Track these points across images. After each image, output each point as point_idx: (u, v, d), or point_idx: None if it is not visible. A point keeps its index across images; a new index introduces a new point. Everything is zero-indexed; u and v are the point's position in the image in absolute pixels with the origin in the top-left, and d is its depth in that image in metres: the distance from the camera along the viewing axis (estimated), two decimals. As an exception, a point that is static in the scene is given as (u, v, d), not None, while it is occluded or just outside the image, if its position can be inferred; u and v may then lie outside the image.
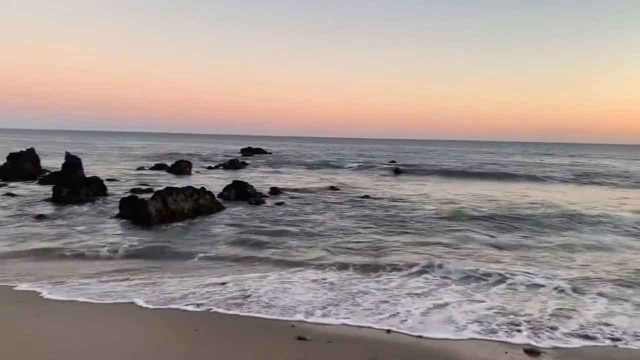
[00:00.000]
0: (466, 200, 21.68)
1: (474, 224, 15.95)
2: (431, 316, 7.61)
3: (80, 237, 13.08)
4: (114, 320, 7.09)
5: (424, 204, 20.30)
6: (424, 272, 10.18)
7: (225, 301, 8.06)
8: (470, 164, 51.08)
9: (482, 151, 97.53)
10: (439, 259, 11.19)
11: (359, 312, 7.75)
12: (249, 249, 12.26)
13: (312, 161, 51.06)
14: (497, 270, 10.25)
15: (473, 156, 71.56)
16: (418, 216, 17.32)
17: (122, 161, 43.79)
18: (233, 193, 21.06)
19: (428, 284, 9.44)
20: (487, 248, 12.70)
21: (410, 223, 15.98)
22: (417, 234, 14.31)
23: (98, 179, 21.52)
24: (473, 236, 14.11)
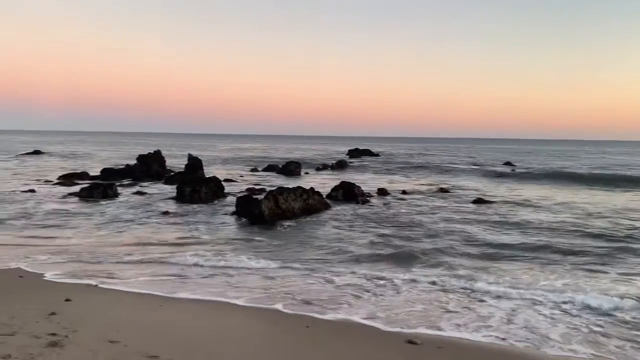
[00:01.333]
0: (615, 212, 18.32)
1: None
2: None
3: (200, 232, 13.98)
4: (225, 313, 7.46)
5: (558, 212, 18.63)
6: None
7: (334, 300, 8.17)
8: (591, 165, 46.93)
9: (591, 150, 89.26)
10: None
11: (471, 321, 7.45)
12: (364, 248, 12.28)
13: (421, 162, 50.13)
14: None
15: (589, 156, 65.79)
16: (553, 225, 15.67)
17: (238, 162, 46.18)
18: (340, 193, 21.29)
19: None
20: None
21: (541, 231, 14.87)
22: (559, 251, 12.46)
23: (217, 179, 22.85)
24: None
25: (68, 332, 5.85)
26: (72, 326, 6.07)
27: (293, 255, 11.55)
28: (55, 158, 48.79)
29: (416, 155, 65.66)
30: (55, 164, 39.77)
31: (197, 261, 10.74)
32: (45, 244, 12.14)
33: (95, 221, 15.37)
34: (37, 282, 8.65)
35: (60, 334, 5.74)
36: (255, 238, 13.41)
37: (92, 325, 6.26)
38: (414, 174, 37.05)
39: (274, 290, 8.69)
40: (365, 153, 60.63)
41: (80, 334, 5.83)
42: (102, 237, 13.15)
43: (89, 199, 19.91)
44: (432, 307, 7.98)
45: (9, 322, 6.04)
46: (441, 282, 9.37)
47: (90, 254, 11.21)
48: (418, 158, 57.86)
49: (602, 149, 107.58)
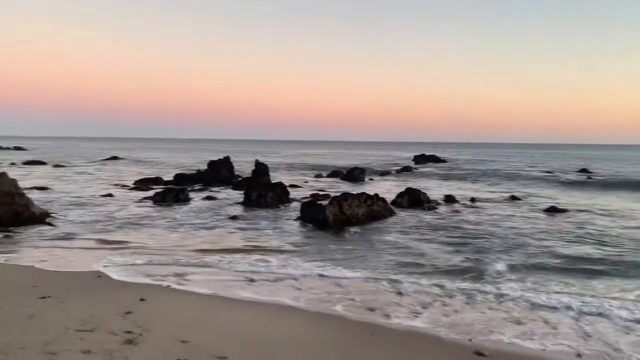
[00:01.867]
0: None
1: None
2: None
3: (266, 237, 14.23)
4: (290, 316, 7.53)
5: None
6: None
7: (399, 308, 8.05)
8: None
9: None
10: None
11: (540, 334, 7.10)
12: (431, 256, 12.05)
13: (488, 168, 48.58)
14: None
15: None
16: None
17: (302, 168, 46.73)
18: (406, 200, 21.01)
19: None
20: None
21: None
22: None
23: (282, 185, 23.21)
24: None
25: (142, 330, 6.12)
26: (146, 325, 6.34)
27: (358, 261, 11.49)
28: (132, 164, 51.42)
29: (483, 161, 63.73)
30: (131, 170, 41.90)
31: (263, 265, 10.94)
32: (121, 246, 12.78)
33: (168, 225, 16.01)
34: (114, 283, 9.12)
35: (135, 332, 6.02)
36: (319, 244, 13.48)
37: (164, 324, 6.51)
38: (483, 180, 35.97)
39: (338, 296, 8.69)
40: (432, 159, 59.57)
41: (153, 333, 6.08)
42: (174, 240, 13.67)
43: (162, 203, 20.81)
44: (500, 319, 7.69)
45: (89, 320, 6.40)
46: (511, 293, 9.02)
47: (163, 256, 11.70)
48: (485, 164, 56.09)
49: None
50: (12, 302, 7.05)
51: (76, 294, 7.83)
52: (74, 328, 6.00)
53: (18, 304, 7.01)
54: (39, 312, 6.66)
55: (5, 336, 5.52)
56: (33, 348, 5.25)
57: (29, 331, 5.81)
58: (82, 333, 5.86)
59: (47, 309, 6.84)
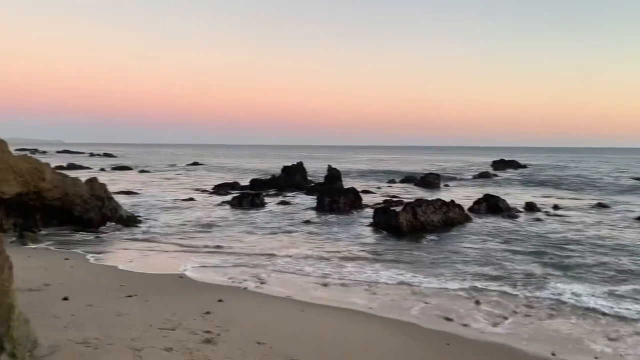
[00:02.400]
0: None
1: None
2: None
3: (339, 243, 14.24)
4: (363, 322, 7.46)
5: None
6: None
7: (476, 318, 7.78)
8: None
9: None
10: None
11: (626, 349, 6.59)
12: (509, 265, 11.57)
13: (572, 174, 45.98)
14: None
15: None
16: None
17: (374, 174, 46.43)
18: (484, 207, 20.32)
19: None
20: None
21: None
22: None
23: (354, 190, 23.20)
24: None
25: (220, 330, 6.31)
26: (224, 325, 6.53)
27: (434, 268, 11.24)
28: (211, 169, 53.45)
29: (566, 167, 60.42)
30: (211, 175, 43.55)
31: (337, 270, 10.96)
32: (201, 249, 13.28)
33: (245, 228, 16.46)
34: (194, 284, 9.49)
35: (214, 332, 6.21)
36: (393, 250, 13.31)
37: (241, 325, 6.67)
38: (566, 187, 34.09)
39: (414, 303, 8.54)
40: (511, 165, 57.13)
41: (231, 333, 6.25)
42: (251, 244, 14.01)
43: (239, 208, 21.45)
44: (583, 331, 7.23)
45: (170, 319, 6.69)
46: (594, 306, 8.47)
47: (240, 259, 12.03)
48: (567, 170, 53.16)
49: None
50: (101, 300, 7.51)
51: (159, 294, 8.22)
52: (157, 326, 6.29)
53: (107, 301, 7.45)
54: (126, 310, 7.05)
55: (95, 331, 5.87)
56: (120, 343, 5.55)
57: (116, 327, 6.15)
58: (164, 331, 6.13)
59: (133, 307, 7.22)
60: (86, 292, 8.01)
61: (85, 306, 7.04)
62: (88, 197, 15.76)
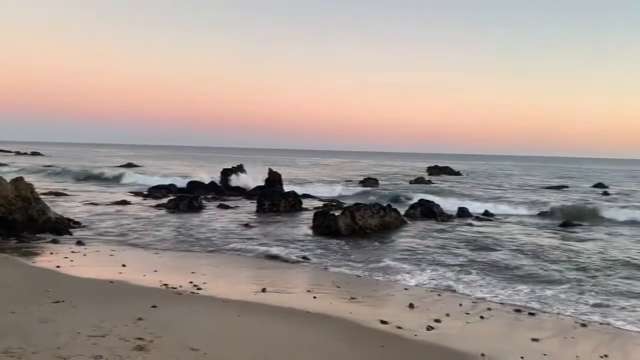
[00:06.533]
0: None
1: None
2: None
3: (279, 244, 14.22)
4: (302, 323, 7.50)
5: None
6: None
7: (411, 320, 7.99)
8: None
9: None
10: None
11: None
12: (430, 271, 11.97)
13: (504, 181, 48.21)
14: None
15: None
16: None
17: (316, 177, 46.67)
18: (418, 211, 20.94)
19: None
20: None
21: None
22: None
23: (295, 194, 23.27)
24: None
25: (153, 337, 6.13)
26: (157, 331, 6.35)
27: (372, 271, 11.47)
28: (147, 171, 51.79)
29: (497, 174, 63.25)
30: (146, 177, 42.15)
31: (275, 272, 10.94)
32: (134, 253, 12.87)
33: (181, 232, 16.09)
34: (126, 289, 9.15)
35: (146, 339, 6.02)
36: (332, 252, 13.46)
37: (175, 331, 6.51)
38: (498, 193, 35.67)
39: (352, 306, 8.64)
40: (446, 171, 59.21)
41: (164, 340, 6.09)
42: (187, 248, 13.73)
43: (176, 211, 20.93)
44: (509, 331, 7.62)
45: (100, 325, 6.43)
46: (522, 306, 8.95)
47: (176, 263, 11.75)
48: (500, 178, 55.68)
49: None
50: (25, 307, 7.11)
51: (88, 300, 7.88)
52: (86, 333, 6.03)
53: (31, 308, 7.06)
54: (52, 316, 6.71)
55: (18, 340, 5.56)
56: (45, 352, 5.28)
57: (41, 335, 5.85)
58: (93, 338, 5.88)
59: (60, 314, 6.89)
60: (8, 298, 7.56)
61: (8, 313, 6.65)
62: (13, 197, 14.89)
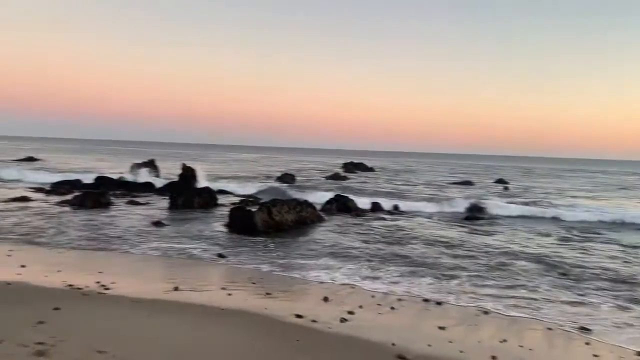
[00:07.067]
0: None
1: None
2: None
3: (192, 242, 13.89)
4: (216, 321, 7.39)
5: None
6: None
7: (326, 313, 8.13)
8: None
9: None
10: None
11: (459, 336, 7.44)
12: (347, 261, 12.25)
13: (414, 177, 50.26)
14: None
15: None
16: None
17: (231, 173, 46.06)
18: (334, 207, 21.31)
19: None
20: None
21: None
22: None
23: (210, 190, 22.82)
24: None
25: (55, 341, 5.78)
26: (60, 335, 5.99)
27: (288, 265, 11.52)
28: (49, 165, 48.50)
29: (409, 170, 65.85)
30: (49, 172, 39.46)
31: (189, 270, 10.68)
32: (35, 252, 12.04)
33: (87, 230, 15.25)
34: (26, 291, 8.54)
35: (48, 343, 5.67)
36: (248, 248, 13.38)
37: (80, 334, 6.18)
38: (408, 188, 37.12)
39: (266, 302, 8.63)
40: (360, 167, 60.71)
41: (68, 343, 5.76)
42: (93, 246, 13.05)
43: (81, 208, 19.78)
44: (418, 321, 7.98)
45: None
46: (430, 297, 9.40)
47: (81, 262, 11.13)
48: (411, 173, 58.00)
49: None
50: None
51: (-19, 304, 7.27)
52: (-22, 340, 5.57)
53: None
54: (-62, 324, 6.12)
55: None
56: None
57: None
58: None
59: (-53, 321, 6.31)
60: None
61: None
62: None
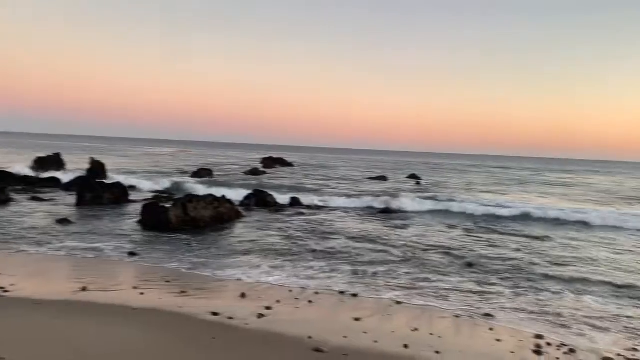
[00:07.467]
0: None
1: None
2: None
3: (102, 240, 13.22)
4: (128, 322, 7.11)
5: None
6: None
7: (243, 310, 8.06)
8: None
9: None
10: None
11: (378, 327, 7.66)
12: (268, 258, 12.22)
13: (332, 172, 51.01)
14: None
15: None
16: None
17: (145, 167, 44.32)
18: (253, 202, 21.17)
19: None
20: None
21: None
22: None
23: (121, 185, 21.82)
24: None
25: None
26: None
27: (204, 263, 11.28)
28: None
29: (327, 166, 66.75)
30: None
31: (98, 269, 10.16)
32: None
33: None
34: None
35: None
36: (162, 245, 12.96)
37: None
38: (327, 183, 37.61)
39: (181, 300, 8.41)
40: (279, 162, 60.66)
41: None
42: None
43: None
44: (334, 314, 8.13)
45: None
46: (344, 290, 9.60)
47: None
48: (329, 169, 58.83)
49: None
50: None
51: None
52: None
53: None
54: None
55: None
56: None
57: None
58: None
59: None
60: None
61: None
62: None
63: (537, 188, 41.12)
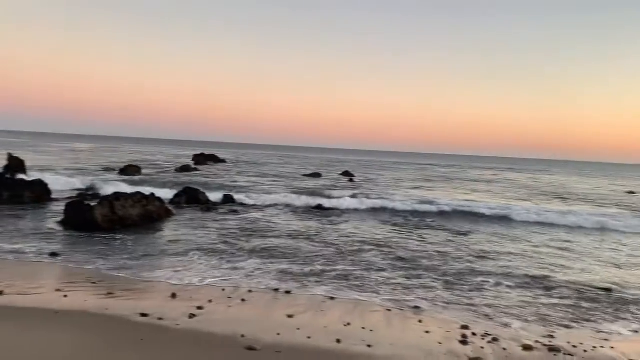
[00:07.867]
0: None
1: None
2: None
3: (22, 241, 12.47)
4: (50, 327, 6.77)
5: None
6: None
7: (174, 310, 7.88)
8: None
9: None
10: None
11: (309, 323, 7.73)
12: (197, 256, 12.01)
13: (264, 169, 50.79)
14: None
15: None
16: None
17: (70, 163, 42.14)
18: (184, 199, 20.71)
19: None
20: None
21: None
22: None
23: (42, 182, 20.63)
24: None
25: None
26: None
27: (127, 266, 10.91)
28: None
29: (259, 163, 66.38)
30: None
31: (18, 272, 9.58)
32: None
33: None
34: None
35: None
36: (87, 247, 12.40)
37: None
38: (260, 180, 37.40)
39: (109, 302, 8.09)
40: (211, 159, 59.55)
41: None
42: None
43: None
44: (266, 312, 8.15)
45: None
46: (278, 287, 9.64)
47: None
48: (264, 166, 58.55)
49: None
50: None
51: None
52: None
53: None
54: None
55: None
56: None
57: None
58: None
59: None
60: None
61: None
62: None
63: (461, 184, 42.98)
